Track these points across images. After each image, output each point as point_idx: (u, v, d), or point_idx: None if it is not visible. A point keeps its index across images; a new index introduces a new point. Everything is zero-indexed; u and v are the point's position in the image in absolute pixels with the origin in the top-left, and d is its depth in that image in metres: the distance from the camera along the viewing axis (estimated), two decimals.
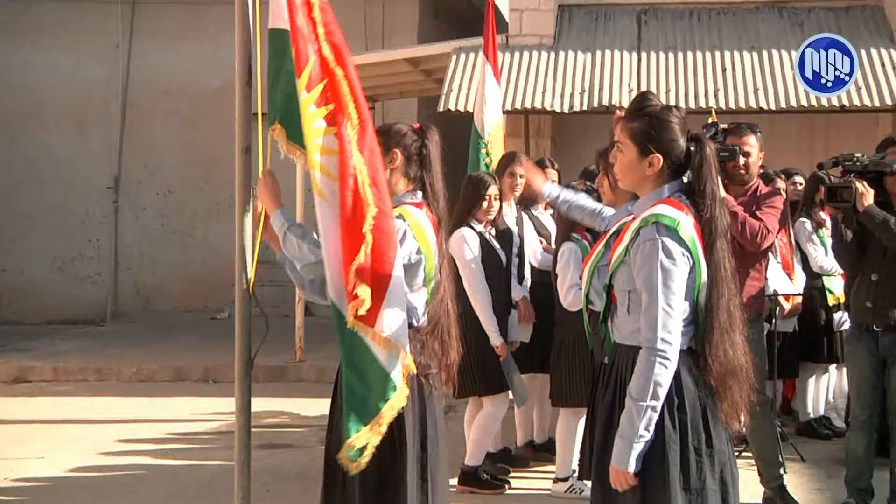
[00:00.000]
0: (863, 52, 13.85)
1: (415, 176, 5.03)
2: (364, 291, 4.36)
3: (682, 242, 4.00)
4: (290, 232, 4.70)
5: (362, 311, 4.41)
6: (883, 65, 13.65)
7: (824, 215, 9.09)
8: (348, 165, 4.49)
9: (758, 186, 7.60)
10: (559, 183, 8.44)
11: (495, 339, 7.76)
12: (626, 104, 12.69)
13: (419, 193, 5.01)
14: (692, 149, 4.16)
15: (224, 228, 12.21)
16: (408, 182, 5.02)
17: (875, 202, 7.22)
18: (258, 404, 5.36)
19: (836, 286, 9.28)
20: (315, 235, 4.78)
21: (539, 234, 8.63)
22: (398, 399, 4.46)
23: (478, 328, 7.55)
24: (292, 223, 4.74)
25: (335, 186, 4.52)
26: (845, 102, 13.17)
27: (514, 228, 8.32)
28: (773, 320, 8.61)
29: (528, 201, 8.75)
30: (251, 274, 4.83)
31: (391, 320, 4.48)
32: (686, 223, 4.03)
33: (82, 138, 18.00)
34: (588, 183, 7.70)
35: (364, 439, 4.40)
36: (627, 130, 4.20)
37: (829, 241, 8.98)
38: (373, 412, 4.45)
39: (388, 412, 4.44)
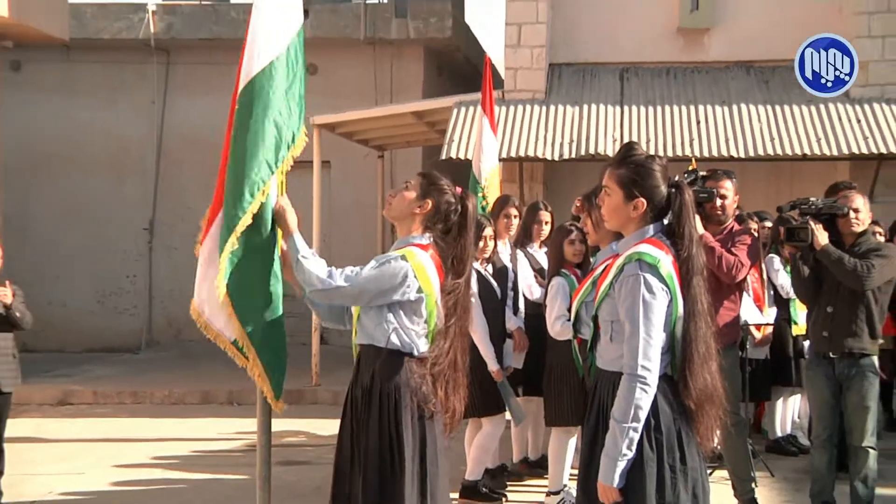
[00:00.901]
0: (821, 107, 13.89)
1: (428, 228, 5.01)
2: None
3: (661, 278, 4.05)
4: (302, 260, 4.69)
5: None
6: (840, 119, 13.66)
7: None
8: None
9: (733, 226, 7.67)
10: (552, 223, 8.67)
11: (492, 366, 7.79)
12: (610, 153, 12.81)
13: (427, 235, 5.00)
14: (672, 194, 4.22)
15: None
16: (423, 229, 5.01)
17: (830, 241, 7.33)
18: (278, 425, 5.40)
19: (801, 318, 9.25)
20: (322, 263, 4.81)
21: (534, 269, 8.63)
22: None
23: (476, 355, 7.50)
24: (304, 251, 4.71)
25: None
26: (807, 152, 13.16)
27: (509, 265, 8.35)
28: (745, 348, 8.62)
29: (523, 240, 8.74)
30: None
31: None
32: (665, 261, 4.08)
33: (121, 184, 18.07)
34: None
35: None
36: (615, 176, 4.26)
37: None
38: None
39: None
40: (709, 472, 4.67)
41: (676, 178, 4.34)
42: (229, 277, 4.74)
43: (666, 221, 4.24)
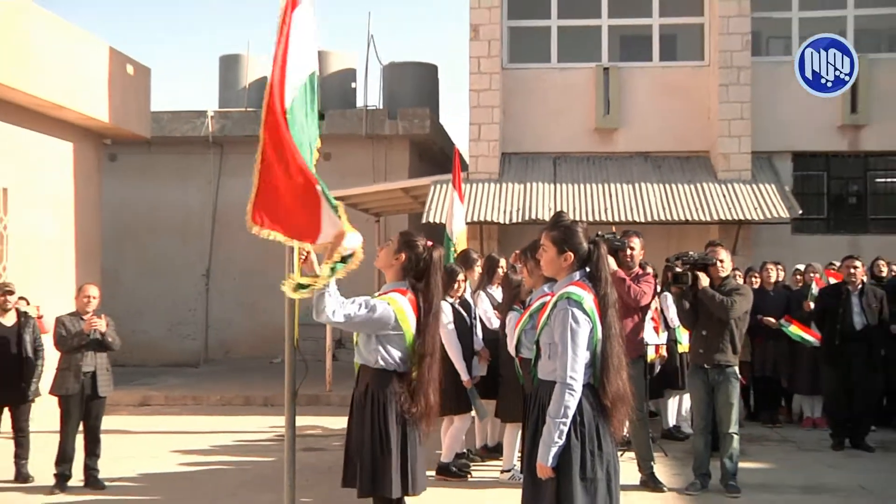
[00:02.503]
0: (697, 185, 14.00)
1: (406, 274, 4.96)
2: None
3: (585, 312, 4.06)
4: (327, 295, 4.59)
5: None
6: (711, 195, 13.81)
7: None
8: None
9: (639, 271, 7.72)
10: (506, 270, 8.55)
11: (464, 376, 7.76)
12: (547, 219, 12.83)
13: (405, 281, 4.96)
14: (592, 248, 4.23)
15: (278, 303, 12.05)
16: (401, 276, 4.97)
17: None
18: (300, 421, 5.36)
19: (684, 339, 9.27)
20: (337, 299, 4.71)
21: (493, 305, 8.56)
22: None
23: (450, 367, 7.47)
24: (332, 289, 4.59)
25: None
26: (688, 218, 13.31)
27: (471, 301, 8.32)
28: (646, 360, 8.65)
29: (485, 283, 8.72)
30: (295, 333, 4.84)
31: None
32: (588, 298, 4.10)
33: (185, 244, 18.00)
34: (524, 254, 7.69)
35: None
36: (549, 237, 4.27)
37: None
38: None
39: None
40: (620, 454, 4.66)
41: (594, 236, 4.39)
42: None
43: (588, 269, 4.23)
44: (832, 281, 10.43)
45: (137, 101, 13.85)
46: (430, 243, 5.05)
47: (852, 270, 9.68)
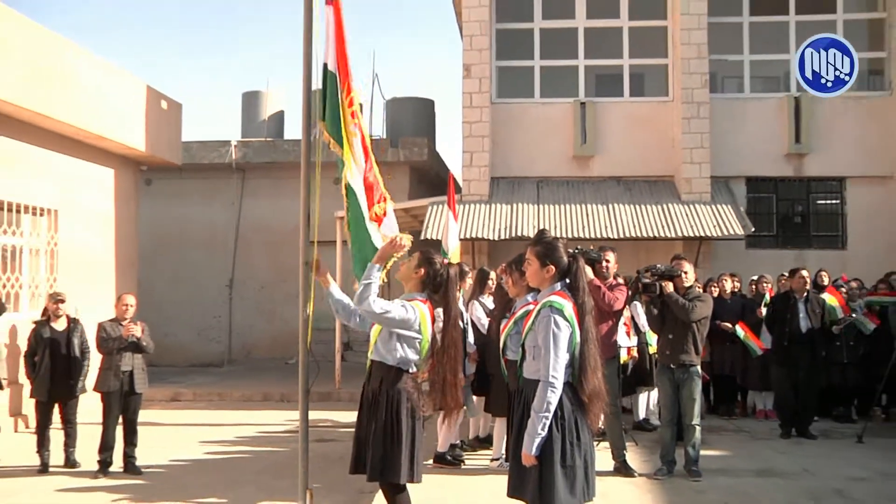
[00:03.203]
0: (663, 206, 13.98)
1: (424, 288, 4.93)
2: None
3: (565, 318, 4.05)
4: (333, 295, 4.79)
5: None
6: (676, 213, 13.79)
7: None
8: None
9: (612, 281, 7.70)
10: (497, 282, 8.48)
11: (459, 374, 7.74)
12: (531, 235, 12.83)
13: (424, 292, 4.92)
14: (571, 262, 4.23)
15: (293, 310, 12.01)
16: (419, 288, 4.93)
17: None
18: (313, 415, 5.34)
19: (653, 342, 9.26)
20: (345, 299, 4.90)
21: (485, 312, 8.51)
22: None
23: None
24: (375, 279, 4.68)
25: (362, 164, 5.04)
26: (656, 235, 13.28)
27: (463, 308, 8.16)
28: (619, 360, 8.65)
29: (478, 292, 8.64)
30: (309, 337, 4.83)
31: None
32: (568, 306, 4.09)
33: (211, 257, 18.00)
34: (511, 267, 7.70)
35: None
36: (533, 251, 4.28)
37: None
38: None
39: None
40: (596, 444, 4.67)
41: (573, 251, 4.39)
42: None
43: (567, 280, 4.22)
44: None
45: (170, 132, 13.90)
46: (446, 261, 5.04)
47: (801, 281, 9.79)
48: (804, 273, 9.91)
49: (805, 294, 9.75)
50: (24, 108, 10.23)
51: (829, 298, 10.26)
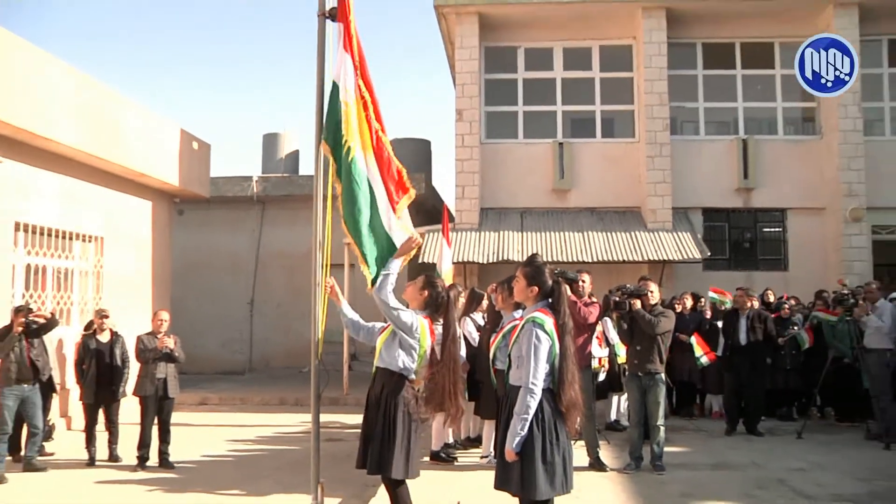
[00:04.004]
0: (631, 233, 13.99)
1: (427, 307, 4.90)
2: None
3: (546, 332, 4.04)
4: (344, 312, 4.77)
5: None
6: (642, 240, 13.81)
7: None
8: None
9: (587, 300, 7.70)
10: (489, 301, 8.42)
11: None
12: (516, 259, 12.85)
13: (427, 311, 4.89)
14: (554, 286, 4.22)
15: (306, 325, 12.12)
16: (423, 307, 4.90)
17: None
18: (324, 417, 5.34)
19: (622, 353, 9.26)
20: (354, 316, 4.85)
21: (476, 327, 8.47)
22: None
23: None
24: (394, 271, 4.73)
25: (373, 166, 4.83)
26: (625, 259, 13.29)
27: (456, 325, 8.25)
28: (592, 369, 8.64)
29: (471, 310, 8.54)
30: (320, 349, 4.83)
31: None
32: (549, 322, 4.07)
33: (235, 278, 17.91)
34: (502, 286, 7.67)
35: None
36: (523, 272, 4.26)
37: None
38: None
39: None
40: (573, 442, 4.65)
41: (556, 273, 4.38)
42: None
43: (550, 300, 4.20)
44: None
45: (200, 169, 13.92)
46: (447, 285, 5.04)
47: (741, 299, 9.99)
48: (738, 292, 10.13)
49: (747, 310, 9.85)
50: (79, 150, 10.28)
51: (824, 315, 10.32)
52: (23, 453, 8.02)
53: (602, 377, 9.41)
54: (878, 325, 9.10)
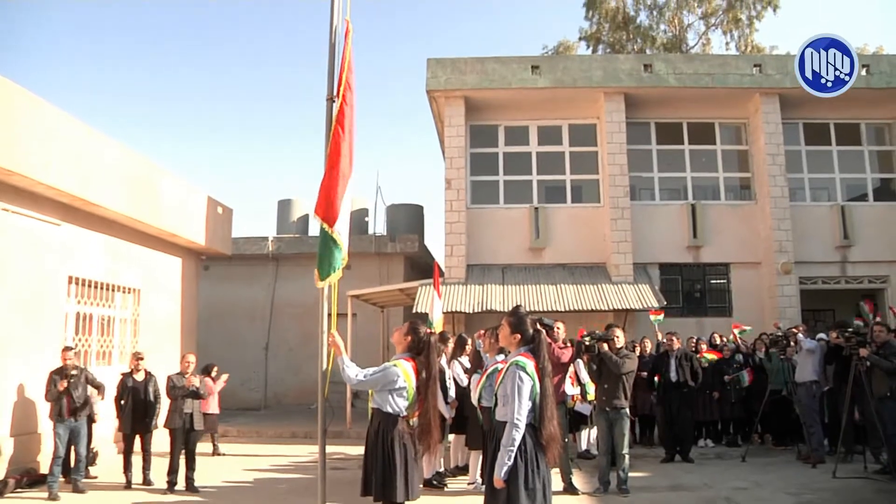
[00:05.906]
0: (598, 285, 13.98)
1: (410, 350, 4.84)
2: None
3: (528, 373, 3.99)
4: (345, 367, 4.63)
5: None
6: (608, 291, 13.82)
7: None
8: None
9: (560, 344, 7.71)
10: (473, 346, 8.35)
11: (446, 414, 7.76)
12: (499, 309, 12.80)
13: (409, 353, 4.83)
14: (535, 332, 4.18)
15: (314, 368, 12.05)
16: (407, 349, 4.84)
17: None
18: (329, 448, 5.30)
19: (591, 390, 9.24)
20: (352, 370, 4.64)
21: (464, 369, 8.39)
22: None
23: None
24: (347, 363, 4.62)
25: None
26: (593, 308, 13.21)
27: (445, 367, 8.17)
28: (566, 405, 8.67)
29: (458, 354, 8.47)
30: (326, 389, 4.73)
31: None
32: (530, 365, 4.03)
33: (252, 325, 17.86)
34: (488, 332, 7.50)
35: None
36: (508, 320, 4.22)
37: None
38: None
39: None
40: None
41: (538, 323, 4.31)
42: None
43: (531, 346, 4.13)
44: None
45: (223, 230, 14.05)
46: (429, 331, 4.99)
47: (669, 343, 10.09)
48: (667, 336, 10.26)
49: (675, 351, 9.97)
50: (122, 215, 10.47)
51: (710, 356, 10.70)
52: (71, 476, 8.03)
53: (588, 409, 9.29)
54: (810, 346, 9.29)
